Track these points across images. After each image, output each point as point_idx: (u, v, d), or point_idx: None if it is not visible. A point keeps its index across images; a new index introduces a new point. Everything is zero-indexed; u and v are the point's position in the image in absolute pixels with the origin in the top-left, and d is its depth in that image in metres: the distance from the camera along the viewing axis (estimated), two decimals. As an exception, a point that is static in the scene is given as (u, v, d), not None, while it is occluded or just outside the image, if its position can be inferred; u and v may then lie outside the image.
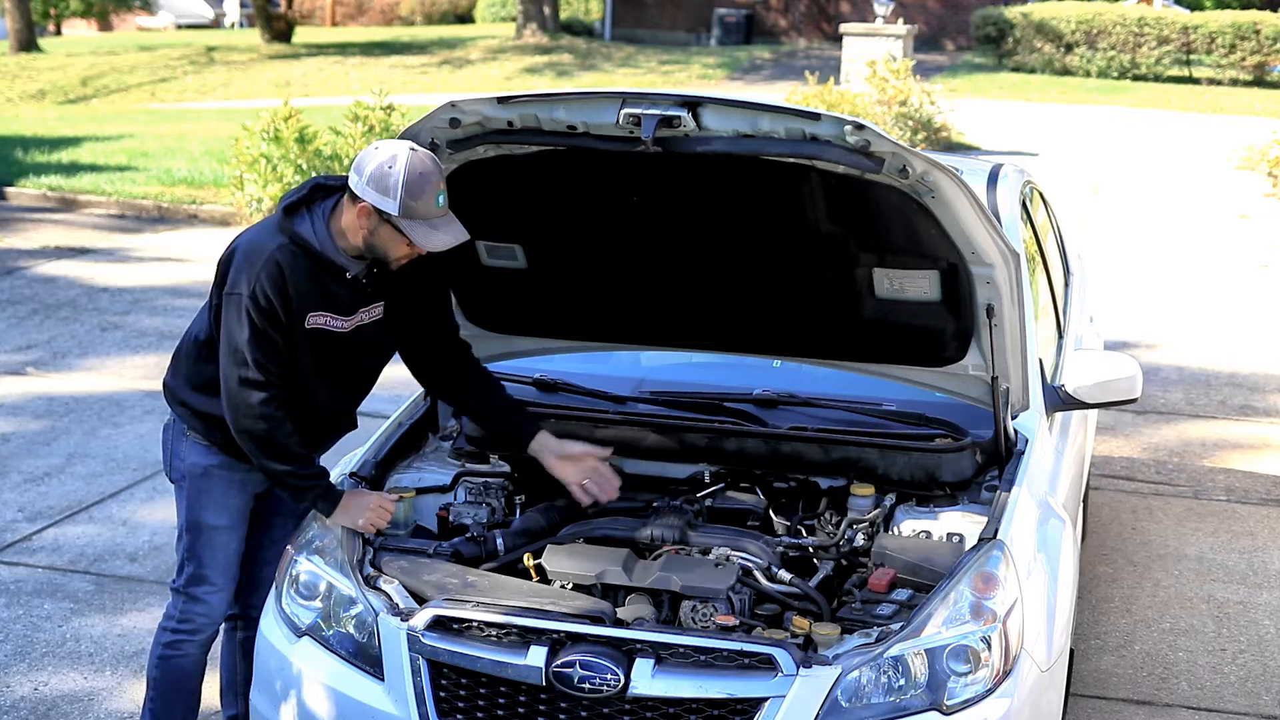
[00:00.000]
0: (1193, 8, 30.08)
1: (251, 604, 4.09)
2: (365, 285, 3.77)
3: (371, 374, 3.98)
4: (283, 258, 3.66)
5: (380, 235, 3.64)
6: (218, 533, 3.93)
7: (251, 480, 3.93)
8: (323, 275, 3.70)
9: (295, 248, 3.68)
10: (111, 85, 26.21)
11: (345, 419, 4.02)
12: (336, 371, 3.83)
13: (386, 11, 43.64)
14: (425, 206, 3.57)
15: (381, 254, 3.69)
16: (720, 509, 4.04)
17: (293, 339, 3.70)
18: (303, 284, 3.68)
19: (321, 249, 3.69)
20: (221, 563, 3.95)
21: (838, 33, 22.62)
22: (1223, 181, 16.24)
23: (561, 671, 3.30)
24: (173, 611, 4.00)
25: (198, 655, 4.02)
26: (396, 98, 14.67)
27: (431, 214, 3.59)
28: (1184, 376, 8.82)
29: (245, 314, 3.64)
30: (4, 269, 11.07)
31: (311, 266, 3.69)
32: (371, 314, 3.82)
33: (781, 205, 3.67)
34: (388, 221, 3.60)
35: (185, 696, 4.03)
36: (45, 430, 7.37)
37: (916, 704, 3.31)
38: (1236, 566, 6.01)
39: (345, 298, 3.75)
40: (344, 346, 3.79)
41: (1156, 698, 4.91)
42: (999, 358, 3.81)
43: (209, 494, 3.91)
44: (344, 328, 3.77)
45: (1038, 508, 3.84)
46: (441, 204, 3.61)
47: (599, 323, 4.20)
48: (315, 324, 3.72)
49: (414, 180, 3.55)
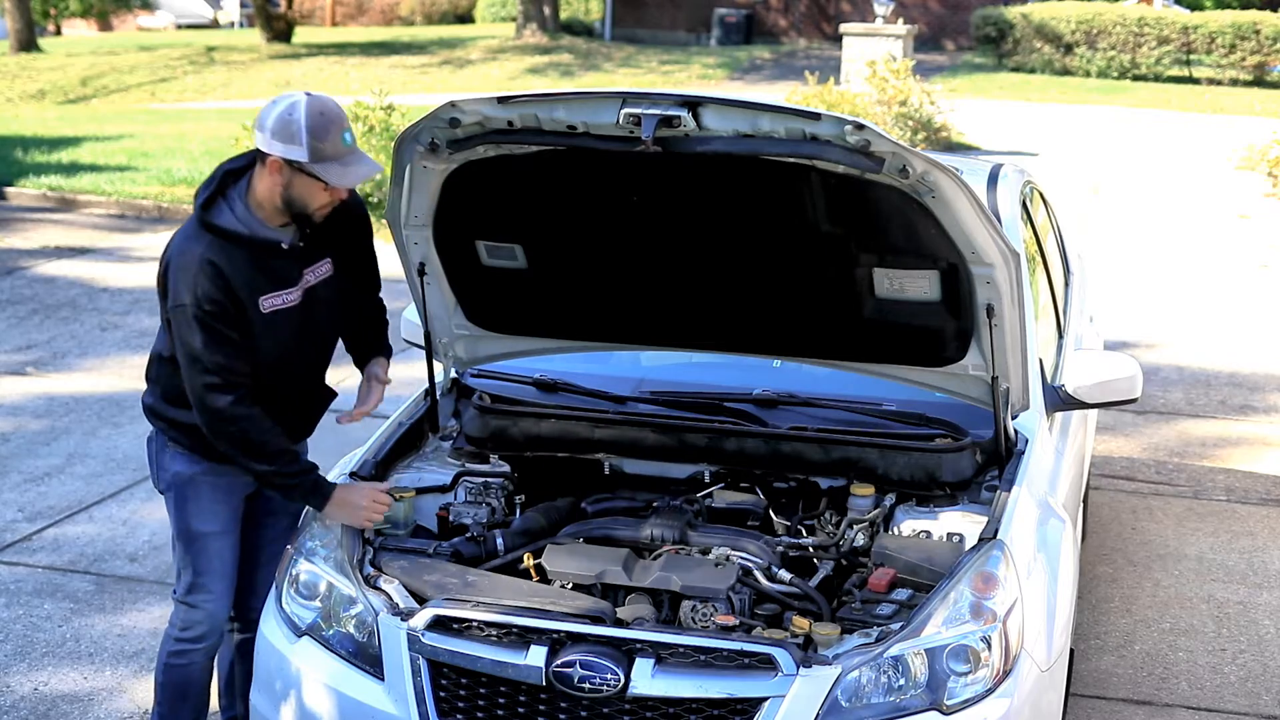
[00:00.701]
0: (1193, 8, 30.07)
1: (249, 606, 4.08)
2: (302, 248, 3.76)
3: (338, 320, 3.96)
4: (215, 256, 3.64)
5: (296, 187, 3.62)
6: (209, 539, 3.91)
7: (239, 484, 3.92)
8: (261, 257, 3.69)
9: (223, 242, 3.66)
10: (111, 85, 26.21)
11: (323, 389, 4.02)
12: (298, 344, 3.82)
13: (386, 11, 43.63)
14: (333, 146, 3.57)
15: (301, 207, 3.66)
16: (720, 509, 4.04)
17: (251, 328, 3.68)
18: (244, 273, 3.66)
19: (249, 232, 3.68)
20: (218, 568, 3.93)
21: (838, 33, 22.62)
22: (1223, 181, 16.24)
23: (561, 671, 3.31)
24: (176, 620, 3.99)
25: (203, 663, 4.02)
26: (396, 98, 14.68)
27: (340, 153, 3.59)
28: (1184, 376, 8.83)
29: (195, 322, 3.62)
30: (4, 269, 11.07)
31: (246, 254, 3.67)
32: (319, 273, 3.81)
33: (781, 205, 3.67)
34: (300, 170, 3.59)
35: (193, 703, 4.04)
36: (45, 430, 7.37)
37: (916, 704, 3.31)
38: (1236, 566, 6.01)
39: (289, 269, 3.74)
40: (303, 315, 3.78)
41: (1156, 698, 4.91)
42: (999, 358, 3.81)
43: (196, 502, 3.89)
44: (296, 298, 3.76)
45: (1038, 508, 3.84)
46: (349, 141, 3.60)
47: (599, 323, 4.20)
48: (271, 306, 3.71)
49: (316, 122, 3.55)
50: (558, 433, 4.22)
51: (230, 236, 3.66)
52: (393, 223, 3.99)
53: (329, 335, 3.96)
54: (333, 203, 3.68)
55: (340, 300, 3.94)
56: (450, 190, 3.88)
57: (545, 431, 4.23)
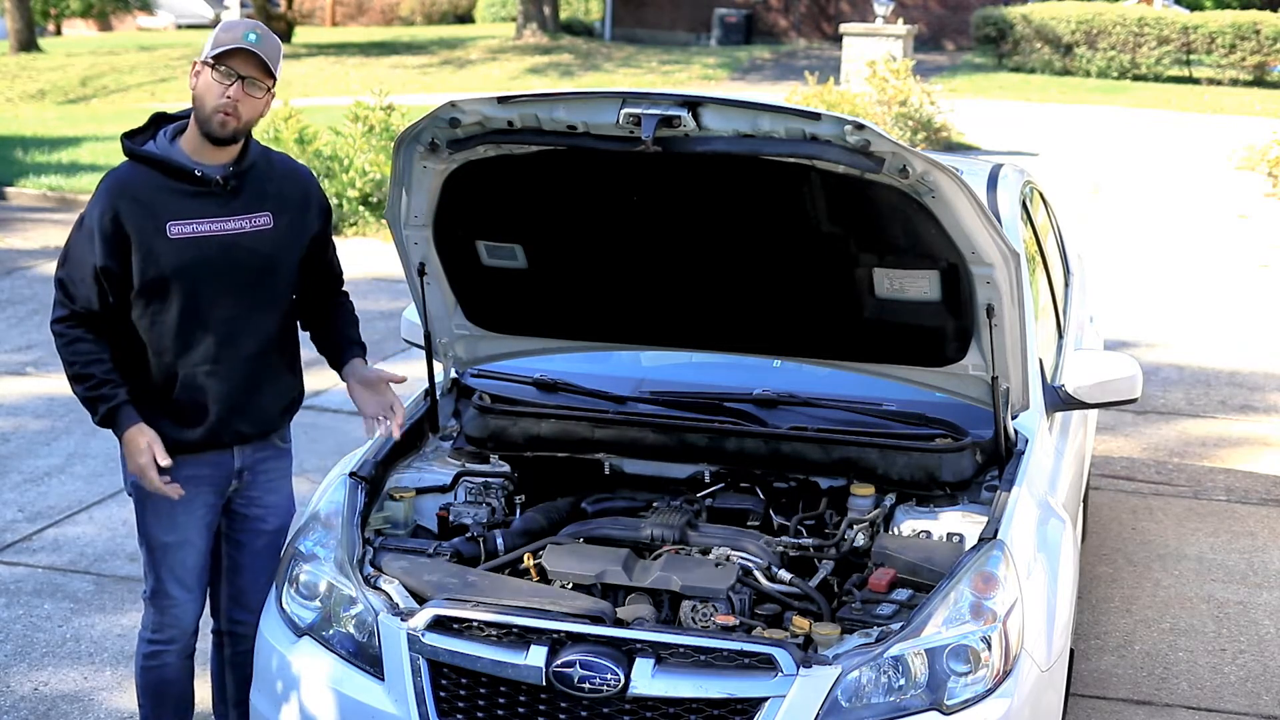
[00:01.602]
0: (1193, 8, 30.08)
1: (237, 620, 4.01)
2: (227, 186, 3.73)
3: (279, 288, 3.85)
4: (123, 175, 3.70)
5: (199, 86, 3.66)
6: (169, 548, 3.84)
7: (201, 494, 3.82)
8: (175, 182, 3.69)
9: (136, 162, 3.71)
10: (111, 85, 26.21)
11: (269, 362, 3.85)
12: (227, 287, 3.74)
13: (386, 11, 43.64)
14: (232, 36, 3.63)
15: (201, 107, 3.66)
16: (720, 509, 4.04)
17: (155, 255, 3.66)
18: (153, 195, 3.67)
19: (164, 154, 3.70)
20: (179, 576, 3.87)
21: (838, 33, 22.62)
22: (1223, 181, 16.25)
23: (561, 671, 3.30)
24: (146, 622, 3.95)
25: (179, 663, 3.96)
26: (396, 98, 14.68)
27: (238, 42, 3.63)
28: (1184, 376, 8.83)
29: (70, 239, 3.71)
30: (4, 269, 11.08)
31: (159, 179, 3.69)
32: (255, 223, 3.77)
33: (781, 205, 3.67)
34: (205, 65, 3.65)
35: (174, 703, 4.00)
36: (45, 430, 7.38)
37: (916, 704, 3.31)
38: (1236, 566, 6.01)
39: (209, 203, 3.72)
40: (224, 255, 3.72)
41: (1156, 698, 4.91)
42: (999, 358, 3.81)
43: (154, 510, 3.82)
44: (215, 232, 3.71)
45: (1038, 508, 3.84)
46: (251, 39, 3.64)
47: (599, 323, 4.20)
48: (180, 233, 3.68)
49: (229, 23, 3.68)
50: (558, 433, 4.22)
51: (143, 158, 3.70)
52: (393, 223, 3.99)
53: (268, 296, 3.83)
54: (229, 103, 3.63)
55: (283, 255, 3.83)
56: (450, 190, 3.88)
57: (545, 431, 4.23)
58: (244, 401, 3.81)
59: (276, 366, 3.89)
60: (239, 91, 3.62)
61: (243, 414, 3.82)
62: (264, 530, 3.97)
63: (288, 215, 3.83)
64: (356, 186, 13.02)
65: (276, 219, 3.80)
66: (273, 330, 3.85)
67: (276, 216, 3.80)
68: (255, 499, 3.94)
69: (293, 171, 3.93)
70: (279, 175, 3.86)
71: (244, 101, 3.64)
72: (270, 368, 3.87)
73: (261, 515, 3.95)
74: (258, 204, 3.78)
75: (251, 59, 3.63)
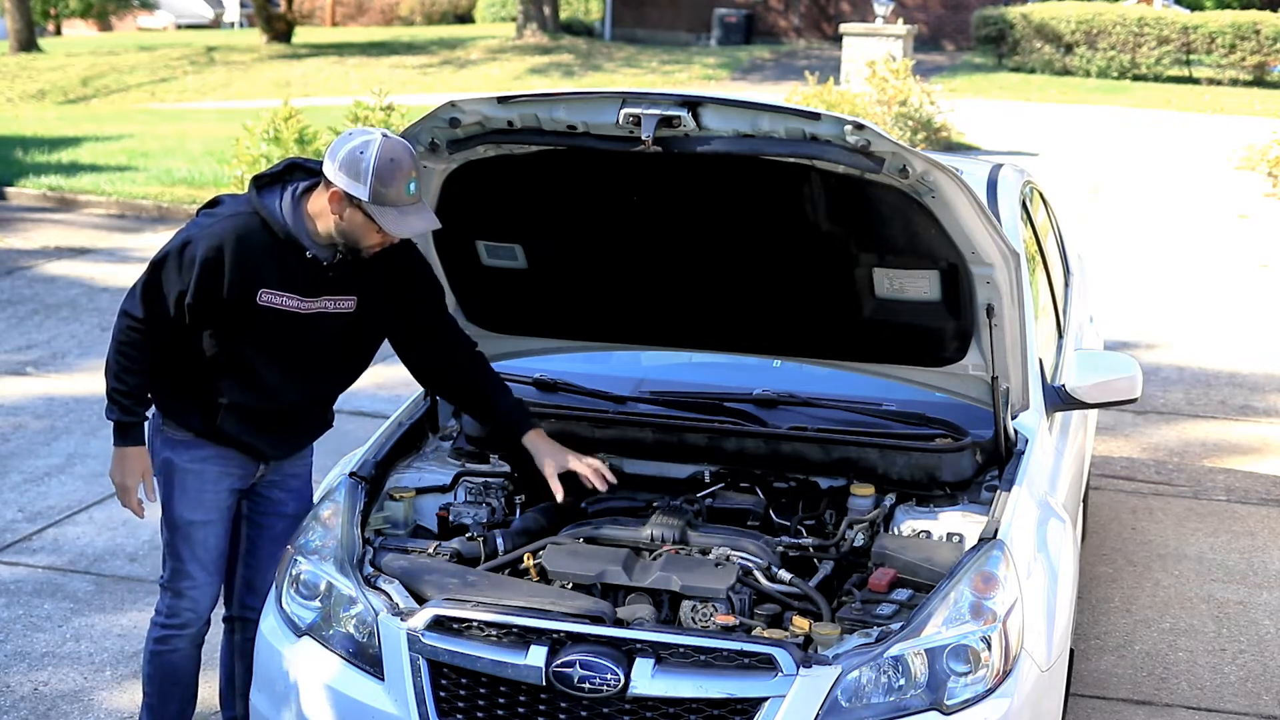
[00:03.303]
0: (1193, 8, 30.08)
1: (248, 605, 4.07)
2: (328, 271, 3.73)
3: (340, 369, 3.93)
4: (239, 225, 3.67)
5: (351, 221, 3.62)
6: (193, 528, 3.90)
7: (229, 476, 3.91)
8: (282, 252, 3.68)
9: (258, 219, 3.68)
10: (111, 85, 26.22)
11: (312, 413, 3.98)
12: (292, 356, 3.79)
13: (386, 11, 43.66)
14: (395, 193, 3.56)
15: (354, 242, 3.66)
16: (720, 509, 4.04)
17: (234, 316, 3.68)
18: (257, 257, 3.66)
19: (283, 224, 3.68)
20: (201, 558, 3.92)
21: (838, 33, 22.62)
22: (1223, 181, 16.24)
23: (561, 671, 3.30)
24: (161, 607, 3.99)
25: (189, 651, 4.00)
26: (396, 98, 14.68)
27: (402, 200, 3.58)
28: (1184, 376, 8.83)
29: (163, 258, 3.69)
30: (4, 269, 11.08)
31: (271, 242, 3.67)
32: (340, 305, 3.78)
33: (782, 205, 3.67)
34: (358, 208, 3.59)
35: (180, 692, 4.03)
36: (45, 430, 7.37)
37: (916, 704, 3.31)
38: (1236, 566, 6.01)
39: (305, 280, 3.71)
40: (300, 330, 3.75)
41: (1156, 698, 4.91)
42: (999, 358, 3.81)
43: (182, 488, 3.89)
44: (302, 309, 3.73)
45: (1038, 508, 3.84)
46: (413, 191, 3.59)
47: (599, 323, 4.20)
48: (268, 302, 3.70)
49: (384, 166, 3.54)
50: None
51: (265, 219, 3.68)
52: (393, 223, 3.98)
53: (334, 367, 3.91)
54: (384, 243, 3.67)
55: (356, 338, 3.88)
56: (450, 190, 3.88)
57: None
58: (275, 438, 3.94)
59: (319, 414, 4.02)
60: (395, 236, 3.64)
61: (271, 445, 3.94)
62: (284, 514, 4.02)
63: (375, 299, 3.85)
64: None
65: (361, 303, 3.82)
66: (322, 392, 3.96)
67: (362, 300, 3.82)
68: (278, 482, 4.03)
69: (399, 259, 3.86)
70: (382, 261, 3.81)
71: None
72: (311, 416, 3.99)
73: (283, 499, 4.02)
74: (347, 286, 3.79)
75: None
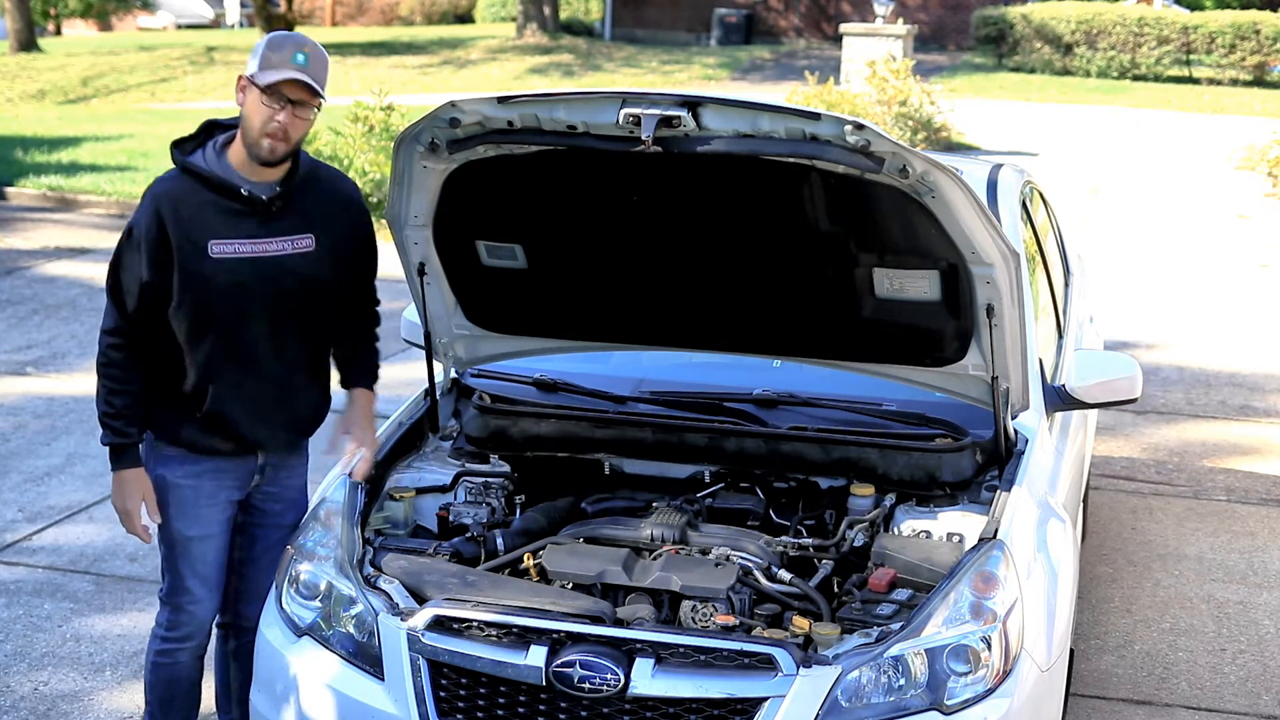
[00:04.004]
0: (1193, 8, 30.08)
1: (243, 613, 4.03)
2: (271, 206, 3.70)
3: (316, 311, 3.85)
4: (170, 189, 3.67)
5: (247, 106, 3.62)
6: (192, 543, 3.87)
7: (224, 489, 3.87)
8: (220, 199, 3.67)
9: (187, 177, 3.68)
10: (111, 85, 26.21)
11: (300, 384, 3.88)
12: (265, 310, 3.74)
13: (386, 11, 43.66)
14: (281, 58, 3.57)
15: (248, 130, 3.63)
16: (720, 509, 4.04)
17: (195, 274, 3.65)
18: (196, 212, 3.65)
19: (210, 170, 3.68)
20: (200, 572, 3.89)
21: (838, 33, 22.62)
22: (1223, 181, 16.25)
23: (561, 671, 3.30)
24: (161, 620, 3.97)
25: (191, 661, 3.98)
26: (397, 98, 14.68)
27: (286, 66, 3.57)
28: (1184, 376, 8.83)
29: (118, 247, 3.69)
30: (4, 269, 11.08)
31: (206, 194, 3.67)
32: (297, 245, 3.75)
33: (781, 205, 3.67)
34: (251, 84, 3.60)
35: (183, 702, 4.02)
36: (45, 430, 7.38)
37: (916, 704, 3.31)
38: (1236, 566, 6.01)
39: (251, 220, 3.69)
40: (265, 278, 3.71)
41: (1156, 698, 4.91)
42: (999, 358, 3.81)
43: (178, 505, 3.85)
44: (257, 252, 3.70)
45: (1038, 508, 3.84)
46: (301, 61, 3.58)
47: (599, 323, 4.20)
48: (221, 252, 3.67)
49: (276, 38, 3.60)
50: (558, 433, 4.22)
51: (192, 172, 3.68)
52: (393, 222, 3.99)
53: (305, 317, 3.83)
54: (278, 129, 3.60)
55: (323, 277, 3.82)
56: (450, 190, 3.88)
57: (545, 431, 4.23)
58: (270, 416, 3.86)
59: (307, 384, 3.93)
60: (288, 117, 3.61)
61: (269, 427, 3.86)
62: (281, 525, 3.99)
63: (331, 238, 3.82)
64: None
65: (319, 241, 3.79)
66: (307, 351, 3.89)
67: (320, 239, 3.79)
68: (274, 494, 3.98)
69: (341, 192, 3.89)
70: (326, 195, 3.84)
71: (293, 125, 3.63)
72: (301, 385, 3.91)
73: (280, 510, 3.99)
74: (302, 225, 3.76)
75: (302, 86, 3.60)
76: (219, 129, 3.79)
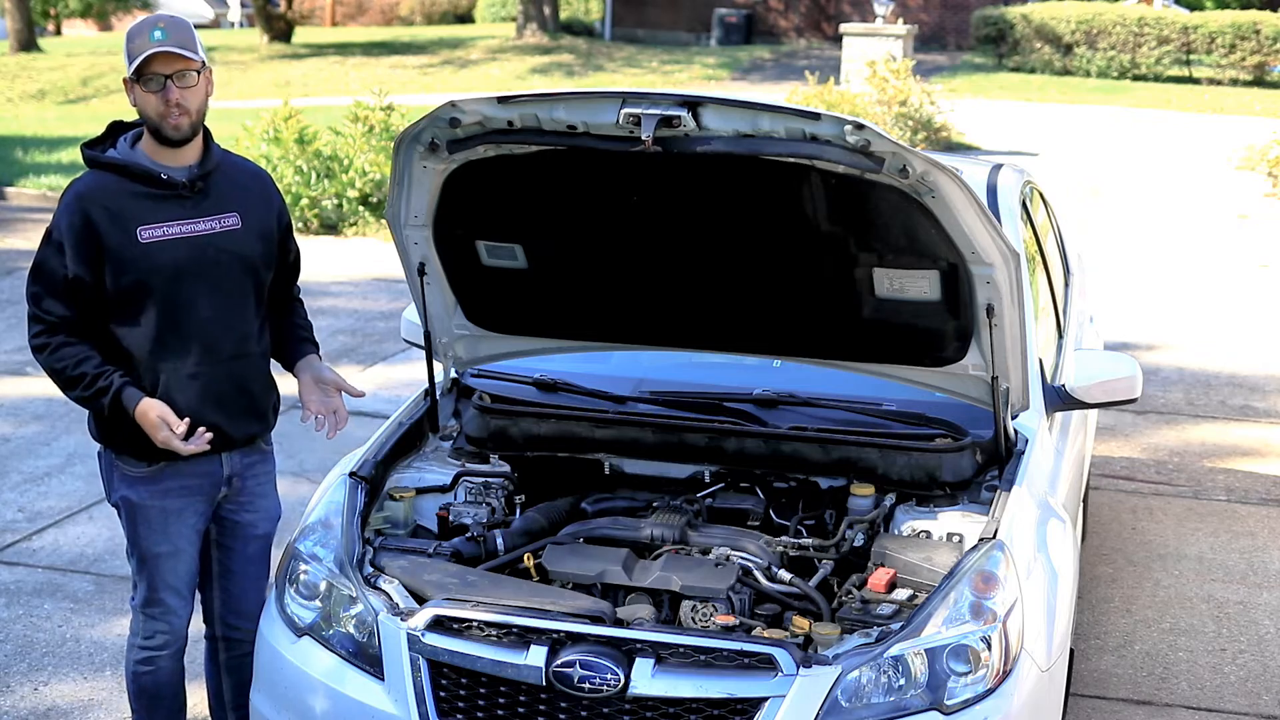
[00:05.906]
0: (1193, 8, 30.09)
1: (231, 625, 4.00)
2: (193, 186, 3.71)
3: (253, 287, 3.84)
4: (89, 185, 3.67)
5: (139, 102, 3.64)
6: (162, 559, 3.83)
7: (191, 504, 3.82)
8: (141, 187, 3.68)
9: (103, 171, 3.69)
10: (111, 85, 26.20)
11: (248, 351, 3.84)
12: (205, 285, 3.72)
13: (386, 11, 43.67)
14: (141, 43, 3.59)
15: (148, 119, 3.65)
16: (720, 509, 4.04)
17: (128, 261, 3.64)
18: (119, 201, 3.65)
19: (127, 160, 3.69)
20: (171, 584, 3.86)
21: (838, 33, 22.63)
22: (1223, 181, 16.25)
23: (561, 671, 3.30)
24: (136, 629, 3.93)
25: (171, 666, 3.95)
26: (397, 98, 14.68)
27: (148, 46, 3.59)
28: (1184, 376, 8.83)
29: (39, 255, 3.67)
30: (4, 269, 11.08)
31: (126, 184, 3.67)
32: (225, 223, 3.77)
33: (781, 205, 3.67)
34: (132, 81, 3.63)
35: (167, 706, 3.99)
36: (45, 430, 7.38)
37: (916, 704, 3.31)
38: (1236, 566, 6.02)
39: (175, 201, 3.70)
40: (199, 254, 3.70)
41: (1156, 698, 4.91)
42: (999, 358, 3.81)
43: (146, 524, 3.81)
44: (186, 232, 3.70)
45: (1038, 508, 3.84)
46: (158, 37, 3.59)
47: (599, 323, 4.20)
48: (151, 237, 3.66)
49: (132, 30, 3.63)
50: (558, 433, 4.22)
51: (105, 165, 3.69)
52: (393, 222, 3.99)
53: (241, 294, 3.81)
54: (170, 106, 3.62)
55: (256, 263, 3.83)
56: (450, 190, 3.88)
57: (545, 431, 4.23)
58: (229, 404, 3.80)
59: (258, 367, 3.90)
60: (175, 92, 3.62)
61: (229, 418, 3.80)
62: (254, 536, 3.97)
63: (254, 215, 3.84)
64: (356, 186, 13.02)
65: (244, 219, 3.81)
66: (250, 330, 3.85)
67: (244, 216, 3.81)
68: (245, 504, 3.93)
69: (253, 173, 3.95)
70: (242, 176, 3.88)
71: (184, 97, 3.63)
72: (252, 369, 3.87)
73: (252, 521, 3.95)
74: (225, 205, 3.78)
75: (168, 56, 3.60)
76: (125, 128, 3.81)
